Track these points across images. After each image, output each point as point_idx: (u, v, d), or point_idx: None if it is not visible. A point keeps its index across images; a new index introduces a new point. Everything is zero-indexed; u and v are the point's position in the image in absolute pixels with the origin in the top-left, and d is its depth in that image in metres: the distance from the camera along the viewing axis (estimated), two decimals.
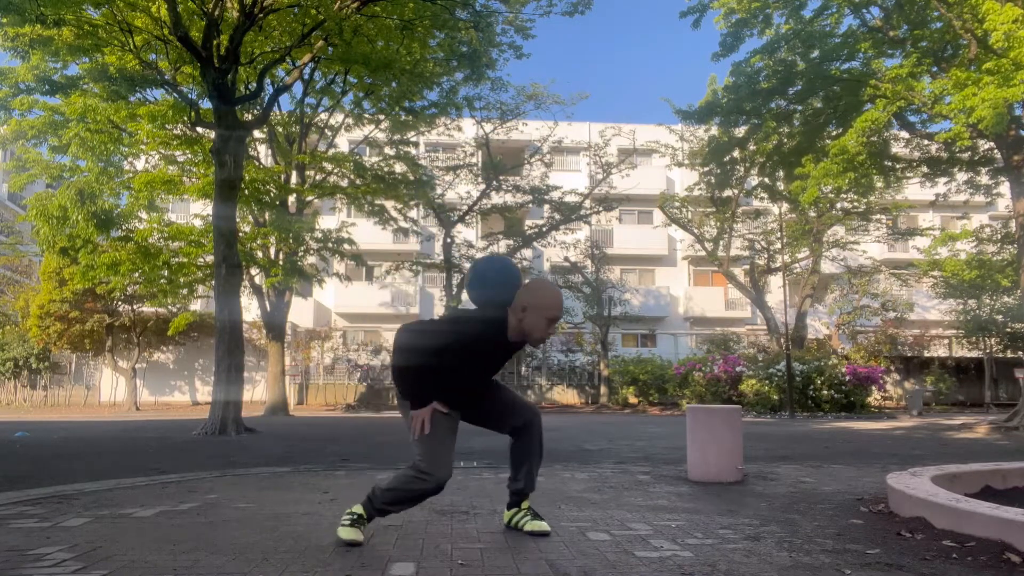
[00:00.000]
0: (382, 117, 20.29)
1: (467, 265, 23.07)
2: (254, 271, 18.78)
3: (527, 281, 2.87)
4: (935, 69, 14.25)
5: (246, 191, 16.01)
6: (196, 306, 24.07)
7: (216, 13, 11.09)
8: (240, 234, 15.10)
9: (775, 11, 15.38)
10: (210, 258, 15.76)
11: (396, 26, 12.85)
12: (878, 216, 23.83)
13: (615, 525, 3.18)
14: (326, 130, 20.30)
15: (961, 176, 17.74)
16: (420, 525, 3.18)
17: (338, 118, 20.23)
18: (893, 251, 30.64)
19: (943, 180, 17.65)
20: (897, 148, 17.23)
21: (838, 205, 22.26)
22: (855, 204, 22.27)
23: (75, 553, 2.61)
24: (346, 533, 2.74)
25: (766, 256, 24.45)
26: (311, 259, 21.08)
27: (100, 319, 23.38)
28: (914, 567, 2.43)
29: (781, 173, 19.08)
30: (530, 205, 23.74)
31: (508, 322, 2.76)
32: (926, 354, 26.01)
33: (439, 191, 22.75)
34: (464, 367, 2.81)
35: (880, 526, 3.15)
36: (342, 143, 23.21)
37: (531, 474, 3.02)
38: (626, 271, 30.91)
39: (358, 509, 2.83)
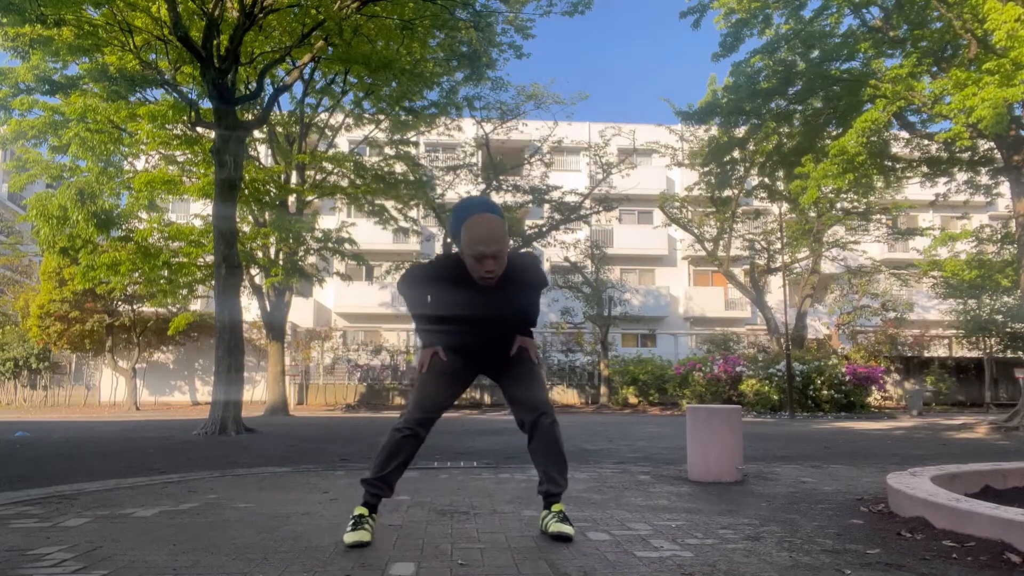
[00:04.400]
0: (382, 117, 20.29)
1: None
2: (254, 271, 18.78)
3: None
4: (935, 69, 14.25)
5: (246, 191, 16.01)
6: (196, 306, 24.07)
7: (216, 13, 11.09)
8: (240, 234, 15.09)
9: (775, 11, 15.38)
10: (210, 258, 15.76)
11: (396, 26, 12.85)
12: (878, 216, 23.83)
13: (615, 525, 3.17)
14: (326, 130, 20.30)
15: (961, 176, 17.73)
16: (420, 525, 3.18)
17: (338, 118, 20.23)
18: (893, 251, 30.65)
19: (943, 180, 17.65)
20: (897, 148, 17.22)
21: (838, 205, 22.26)
22: (855, 204, 22.28)
23: (75, 553, 2.61)
24: (350, 537, 2.73)
25: (766, 256, 24.45)
26: (311, 259, 21.08)
27: (100, 319, 23.38)
28: (914, 567, 2.43)
29: (781, 173, 19.08)
30: (530, 205, 23.73)
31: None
32: (926, 354, 26.02)
33: (439, 191, 22.74)
34: (439, 305, 2.88)
35: (880, 526, 3.15)
36: (342, 143, 23.20)
37: (550, 476, 2.89)
38: (626, 271, 30.91)
39: (357, 510, 2.83)
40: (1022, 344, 22.22)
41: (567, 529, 2.79)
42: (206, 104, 13.90)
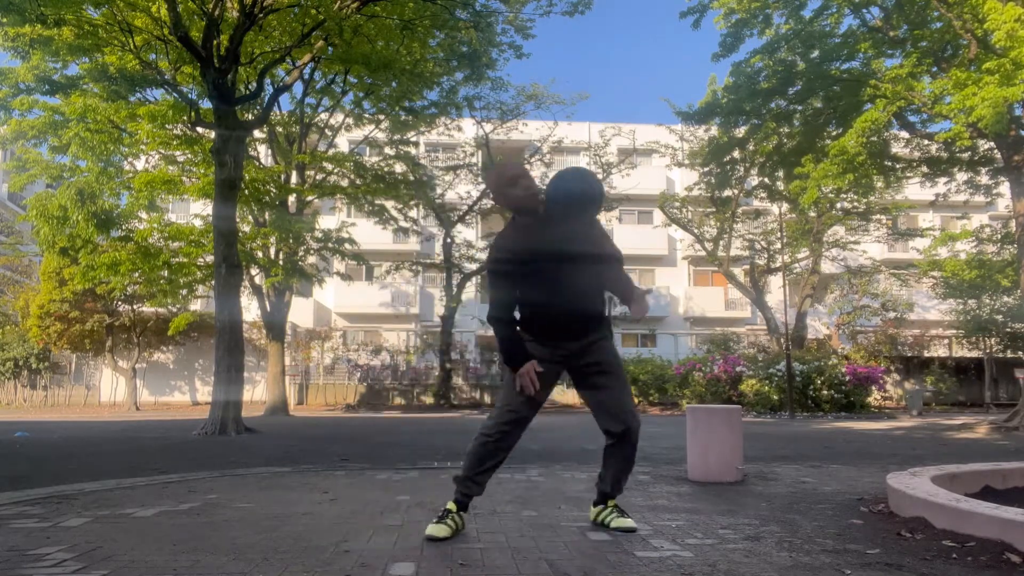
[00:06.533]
0: (382, 117, 20.29)
1: (467, 265, 23.07)
2: (254, 271, 18.77)
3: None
4: (935, 69, 14.25)
5: (246, 191, 16.00)
6: (196, 306, 24.06)
7: (216, 13, 11.09)
8: (240, 234, 15.09)
9: (775, 11, 15.37)
10: (210, 258, 15.76)
11: (396, 26, 12.86)
12: (878, 216, 23.82)
13: None
14: (326, 130, 20.30)
15: (961, 176, 17.72)
16: (420, 525, 3.18)
17: (338, 118, 20.23)
18: (893, 251, 30.64)
19: (943, 180, 17.64)
20: (897, 148, 17.21)
21: (838, 205, 22.26)
22: (855, 204, 22.28)
23: (75, 553, 2.61)
24: (430, 529, 2.85)
25: (766, 256, 24.45)
26: (311, 259, 21.07)
27: (100, 319, 23.37)
28: (914, 567, 2.43)
29: (781, 173, 19.07)
30: None
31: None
32: (926, 354, 25.99)
33: (439, 191, 22.72)
34: (523, 279, 2.90)
35: (880, 526, 3.15)
36: (342, 143, 23.20)
37: (618, 480, 3.11)
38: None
39: (448, 505, 2.97)
40: (1022, 344, 22.21)
41: (631, 523, 3.01)
42: (206, 104, 13.89)
